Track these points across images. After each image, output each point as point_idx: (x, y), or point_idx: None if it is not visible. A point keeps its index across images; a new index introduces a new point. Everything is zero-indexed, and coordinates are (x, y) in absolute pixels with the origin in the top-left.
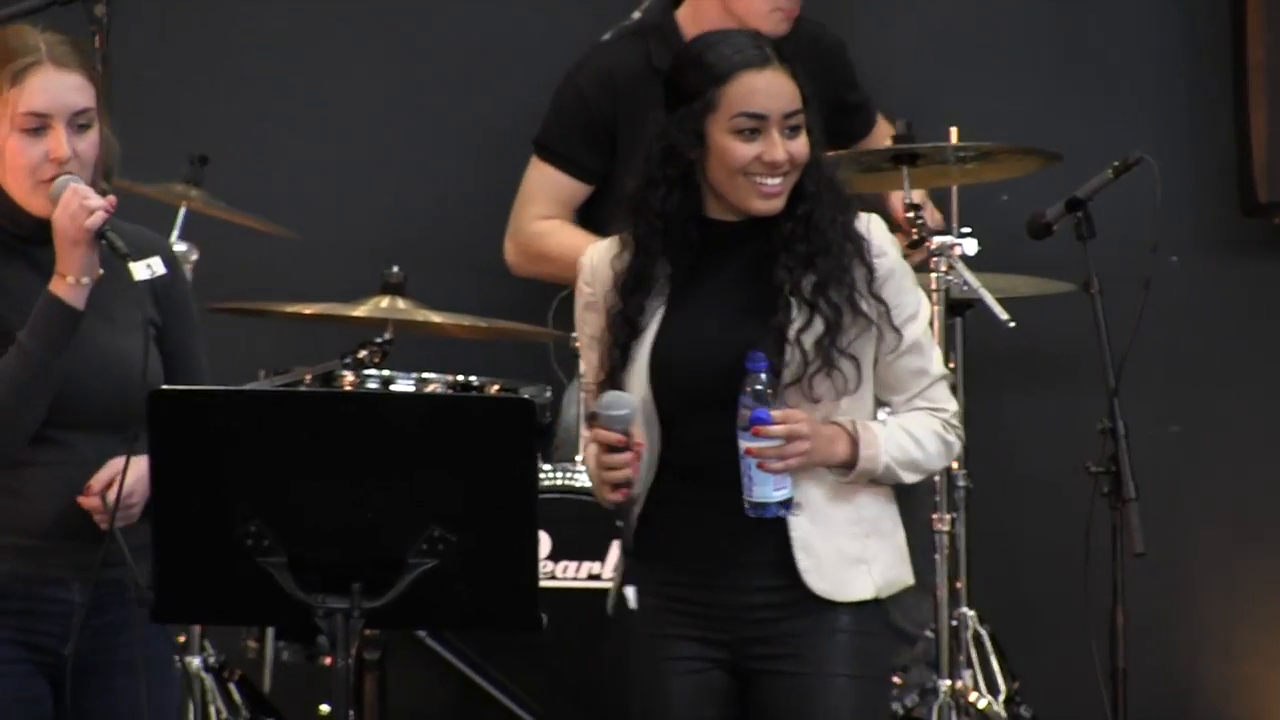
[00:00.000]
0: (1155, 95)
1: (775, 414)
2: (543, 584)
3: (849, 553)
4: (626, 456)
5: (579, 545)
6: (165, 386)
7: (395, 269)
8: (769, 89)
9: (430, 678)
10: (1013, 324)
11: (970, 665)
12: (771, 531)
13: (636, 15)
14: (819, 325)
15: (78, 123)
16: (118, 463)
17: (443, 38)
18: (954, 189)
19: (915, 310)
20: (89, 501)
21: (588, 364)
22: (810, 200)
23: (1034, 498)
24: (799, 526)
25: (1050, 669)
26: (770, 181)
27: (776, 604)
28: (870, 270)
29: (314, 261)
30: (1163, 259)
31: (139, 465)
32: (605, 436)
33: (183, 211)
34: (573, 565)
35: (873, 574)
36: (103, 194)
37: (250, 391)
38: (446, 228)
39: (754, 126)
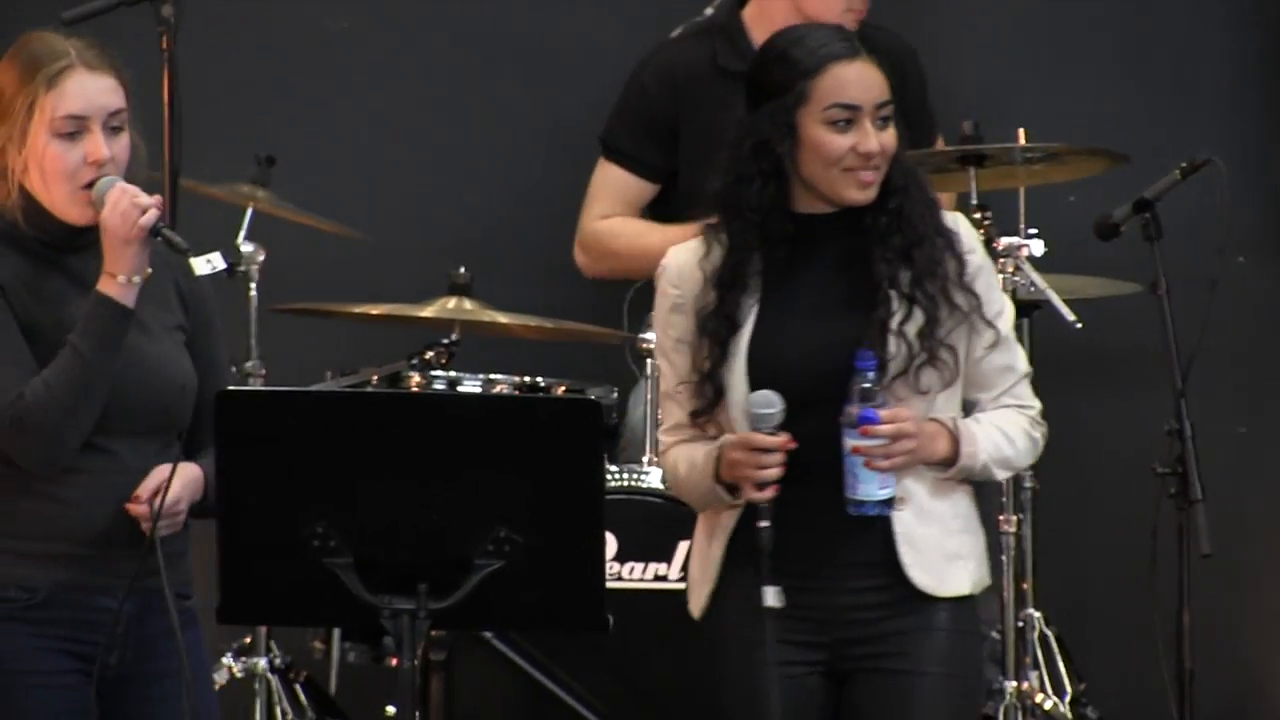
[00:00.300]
0: (1223, 96)
1: (883, 413)
2: (609, 585)
3: (949, 548)
4: (777, 456)
5: (645, 546)
6: (233, 388)
7: (462, 270)
8: (860, 80)
9: (496, 679)
10: (1079, 325)
11: (1036, 666)
12: (872, 530)
13: (709, 12)
14: (919, 317)
15: (111, 125)
16: (163, 470)
17: (512, 36)
18: (1021, 190)
19: (1002, 307)
20: (138, 509)
21: (672, 368)
22: (900, 194)
23: (1100, 499)
24: (902, 522)
25: (1116, 670)
26: (865, 172)
27: (876, 603)
28: (961, 263)
29: (381, 262)
30: (1230, 260)
31: (184, 472)
32: (761, 440)
33: (249, 212)
34: (639, 566)
35: (969, 570)
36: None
37: (317, 392)
38: (514, 228)
39: (847, 118)
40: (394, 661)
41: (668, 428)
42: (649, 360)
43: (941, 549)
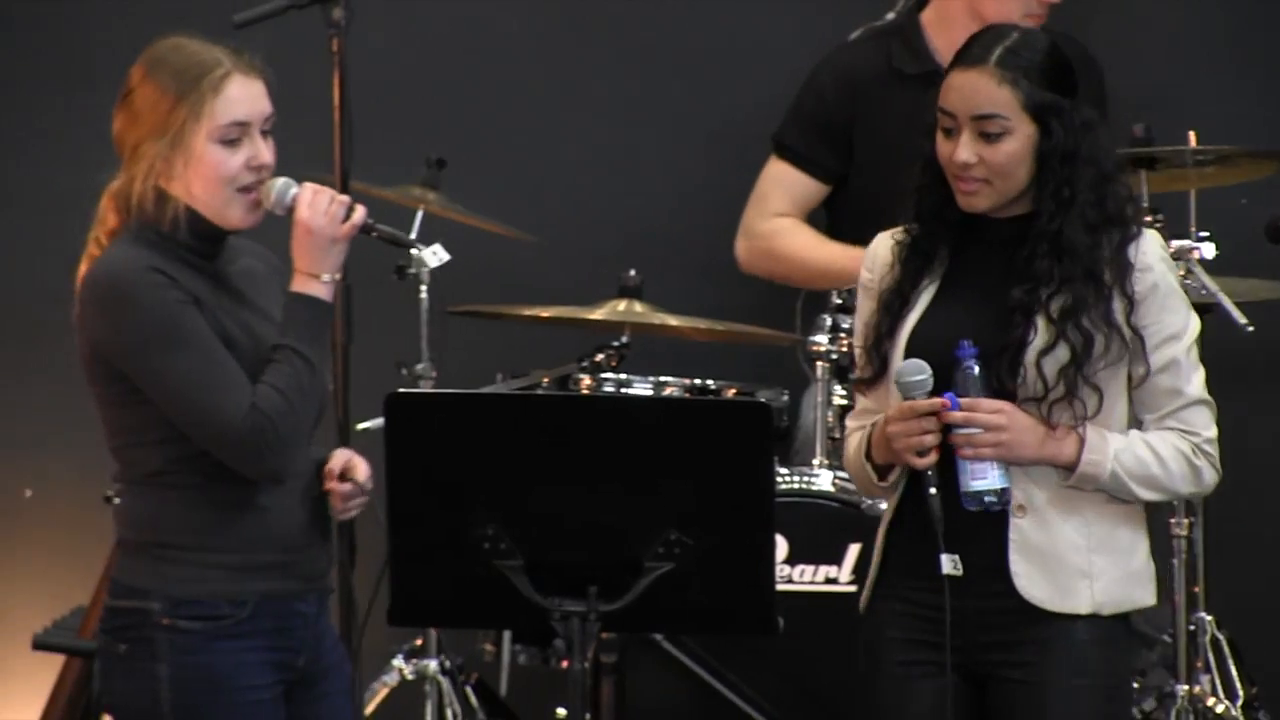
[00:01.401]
0: None
1: (963, 400)
2: (779, 587)
3: (1071, 564)
4: (934, 421)
5: (816, 549)
6: (403, 390)
7: (632, 272)
8: (960, 88)
9: (667, 681)
10: (1251, 328)
11: (1208, 670)
12: (989, 537)
13: (891, 16)
14: (1063, 351)
15: (264, 129)
16: (343, 452)
17: (683, 38)
18: (1192, 193)
19: (1176, 330)
20: (340, 486)
21: (859, 355)
22: (1055, 217)
23: (1272, 501)
24: (1018, 530)
25: None
26: (962, 182)
27: (1000, 609)
28: (1130, 299)
29: (551, 264)
30: None
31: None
32: (917, 405)
33: (419, 214)
34: (809, 569)
35: (1094, 590)
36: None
37: (488, 395)
38: (684, 231)
39: (947, 125)
40: (564, 663)
41: (854, 413)
42: (820, 363)
43: (1061, 563)
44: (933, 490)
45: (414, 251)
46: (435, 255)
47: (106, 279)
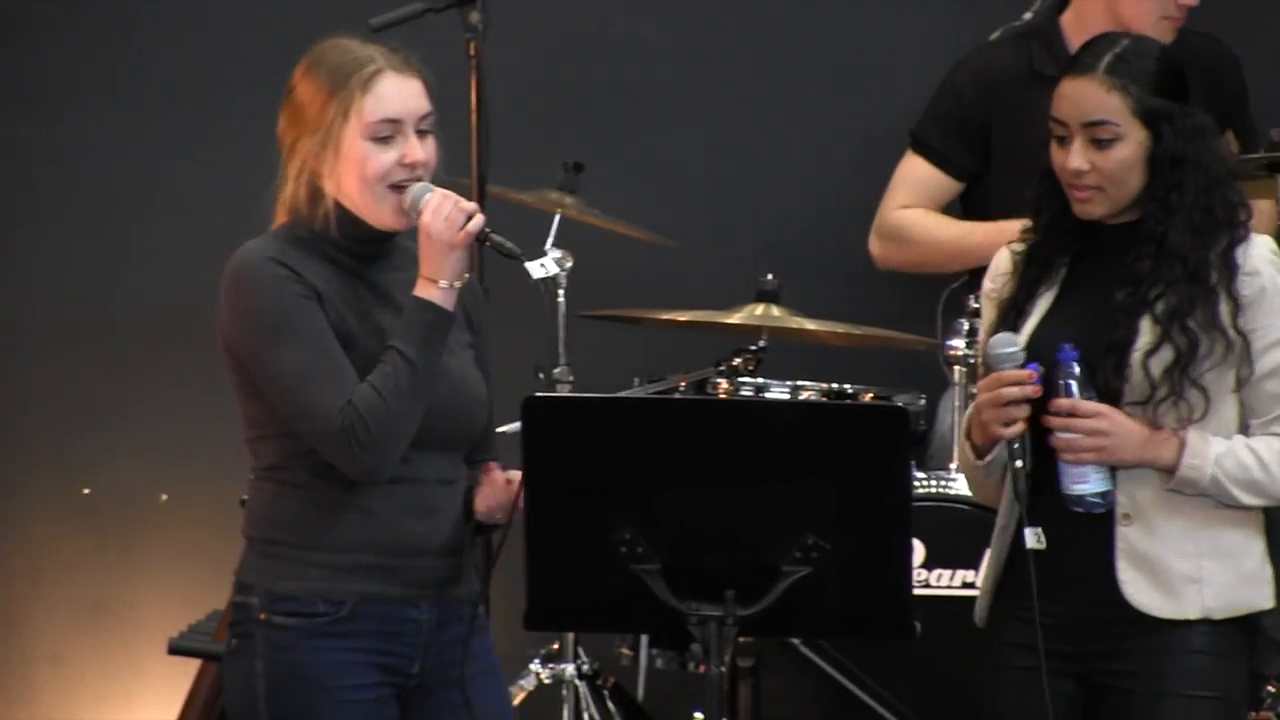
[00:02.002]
0: None
1: (1062, 403)
2: (916, 591)
3: (1179, 569)
4: (1022, 391)
5: (953, 553)
6: (540, 394)
7: (770, 276)
8: (1070, 96)
9: (804, 685)
10: None
11: None
12: (1096, 544)
13: (1027, 16)
14: (1168, 352)
15: (421, 128)
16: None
17: (820, 41)
18: None
19: None
20: (506, 484)
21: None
22: (1161, 220)
23: None
24: (1125, 538)
25: None
26: (1074, 190)
27: (1111, 619)
28: (1235, 301)
29: (688, 268)
30: None
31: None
32: (1005, 375)
33: (557, 219)
34: (946, 573)
35: (1204, 595)
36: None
37: (625, 399)
38: (822, 235)
39: (1060, 134)
40: (701, 668)
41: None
42: (957, 367)
43: (1169, 569)
44: (1019, 463)
45: (525, 265)
46: (543, 267)
47: (231, 269)
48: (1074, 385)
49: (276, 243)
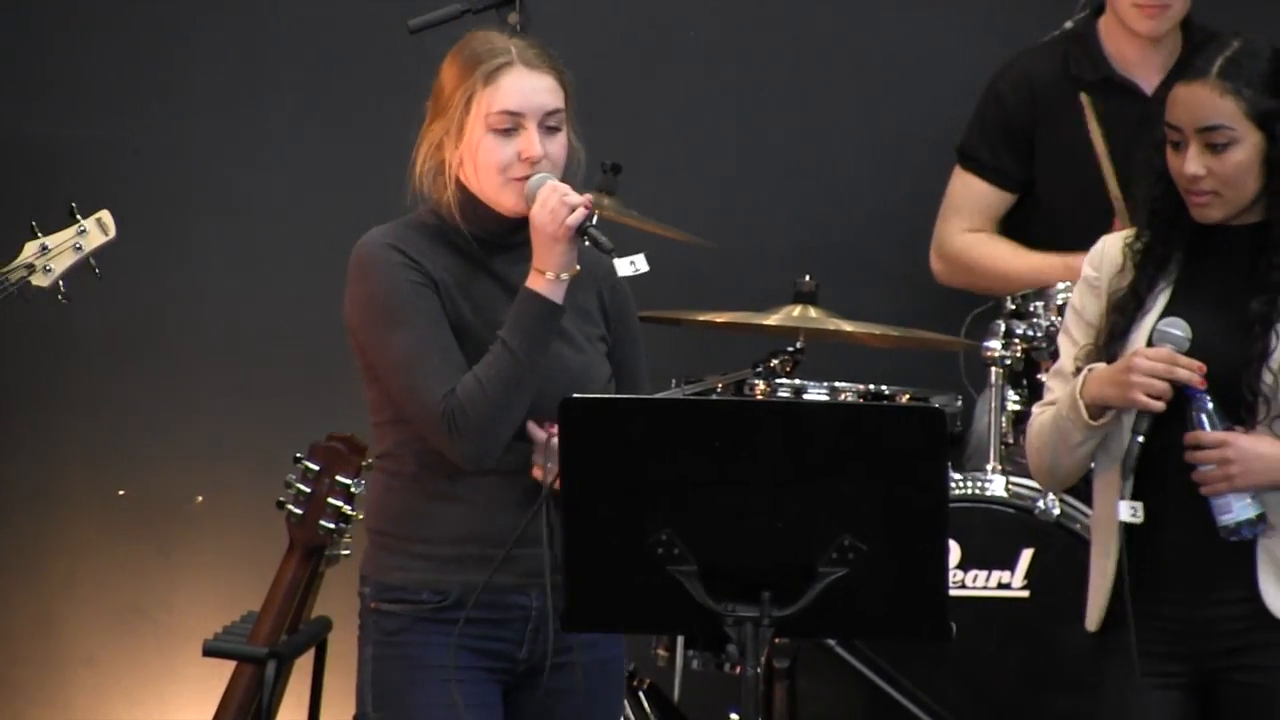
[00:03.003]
0: None
1: (1187, 436)
2: (952, 593)
3: None
4: (1194, 379)
5: (989, 554)
6: (576, 395)
7: (807, 278)
8: (1185, 101)
9: (840, 687)
10: None
11: None
12: (1236, 554)
13: (1069, 25)
14: None
15: (547, 124)
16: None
17: (857, 42)
18: None
19: None
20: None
21: (1072, 345)
22: None
23: None
24: (1266, 549)
25: None
26: (1193, 195)
27: (1238, 616)
28: None
29: (726, 270)
30: None
31: None
32: (1178, 356)
33: (594, 219)
34: (982, 574)
35: None
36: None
37: (663, 400)
38: (859, 236)
39: (1175, 139)
40: (737, 669)
41: (1046, 403)
42: (993, 368)
43: None
44: (1140, 438)
45: (613, 261)
46: (632, 265)
47: (353, 256)
48: (1205, 420)
49: (400, 229)
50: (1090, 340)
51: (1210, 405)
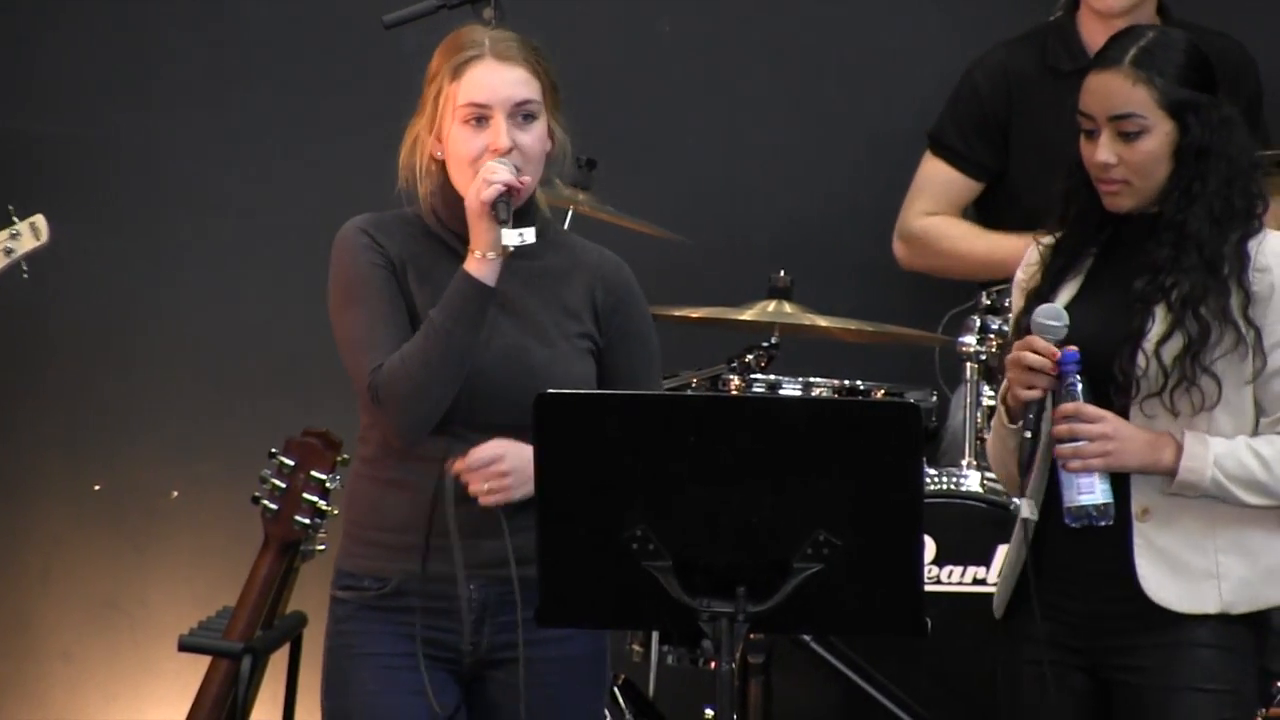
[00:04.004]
0: None
1: (1066, 408)
2: (927, 588)
3: (1196, 566)
4: (1046, 361)
5: (964, 549)
6: (551, 390)
7: (782, 273)
8: (1096, 90)
9: (815, 682)
10: None
11: None
12: (1111, 541)
13: (1053, 19)
14: (1179, 339)
15: (519, 115)
16: (498, 442)
17: (833, 38)
18: None
19: None
20: (460, 466)
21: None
22: (1181, 209)
23: None
24: (1142, 534)
25: None
26: (1103, 184)
27: (1124, 614)
28: (1246, 292)
29: (701, 265)
30: None
31: (527, 451)
32: (1036, 343)
33: (569, 214)
34: (957, 569)
35: (1222, 590)
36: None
37: (637, 395)
38: (834, 231)
39: (1089, 128)
40: (712, 664)
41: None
42: (968, 364)
43: (1186, 566)
44: (1028, 434)
45: (502, 231)
46: (520, 237)
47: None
48: (1078, 387)
49: (378, 217)
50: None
51: (1079, 387)
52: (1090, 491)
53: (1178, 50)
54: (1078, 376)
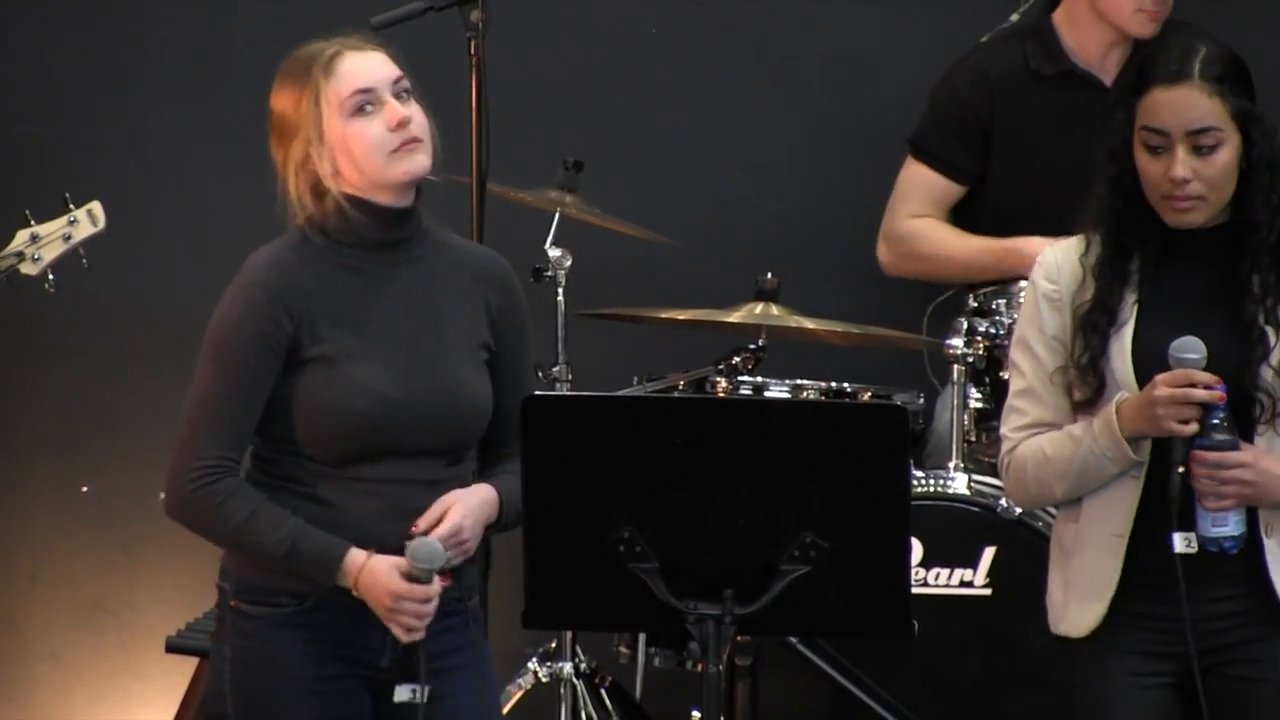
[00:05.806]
0: None
1: (1210, 457)
2: (914, 591)
3: None
4: (1214, 396)
5: (950, 552)
6: (539, 393)
7: (769, 275)
8: (1171, 104)
9: (801, 684)
10: None
11: None
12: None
13: (1014, 18)
14: None
15: (400, 91)
16: (448, 499)
17: (820, 42)
18: None
19: None
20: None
21: (1036, 363)
22: (1275, 227)
23: None
24: (1272, 550)
25: None
26: (1178, 200)
27: (1232, 611)
28: None
29: (688, 267)
30: None
31: (471, 498)
32: (1199, 375)
33: (556, 217)
34: (944, 572)
35: None
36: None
37: (624, 398)
38: (821, 234)
39: (1158, 143)
40: (699, 667)
41: (1022, 425)
42: (955, 366)
43: None
44: (1181, 469)
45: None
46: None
47: (238, 274)
48: (1218, 432)
49: (286, 251)
50: (1062, 359)
51: (1222, 415)
52: (1224, 525)
53: (1231, 60)
54: (1220, 409)
